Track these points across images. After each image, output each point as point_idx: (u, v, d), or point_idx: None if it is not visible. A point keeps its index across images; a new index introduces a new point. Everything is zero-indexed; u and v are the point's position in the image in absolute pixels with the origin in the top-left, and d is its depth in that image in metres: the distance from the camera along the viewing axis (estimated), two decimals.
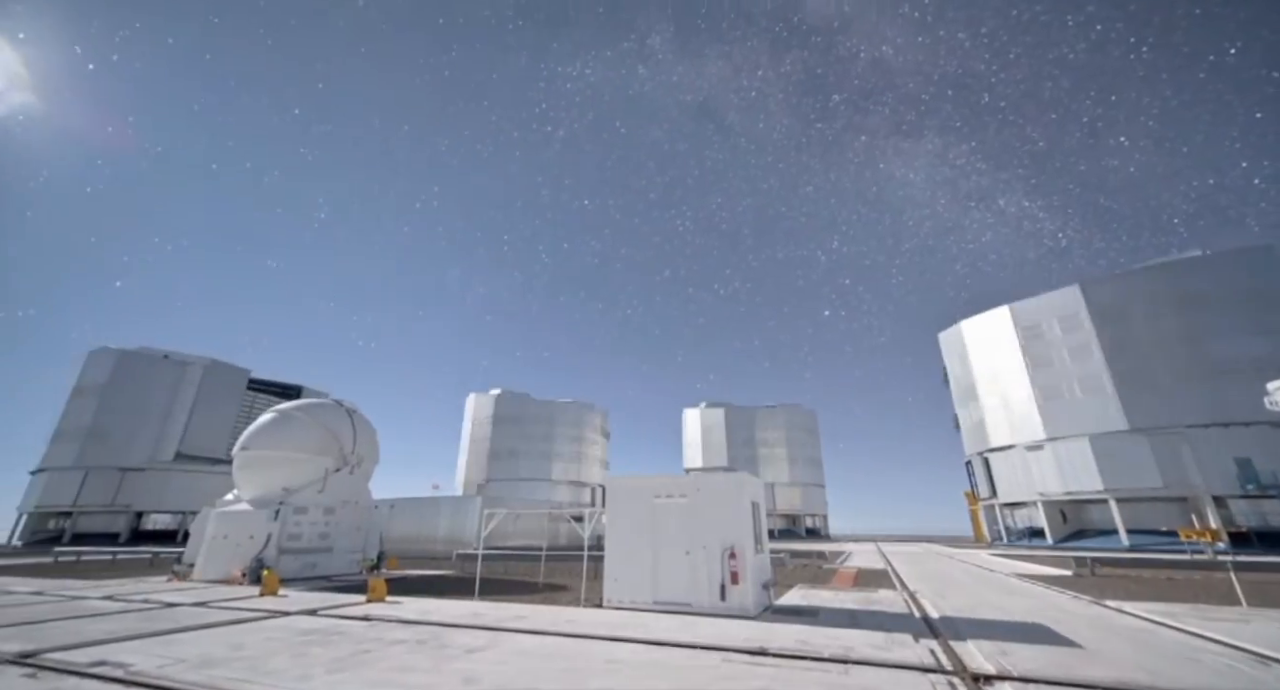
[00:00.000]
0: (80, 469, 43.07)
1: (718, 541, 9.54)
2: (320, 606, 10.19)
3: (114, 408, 44.96)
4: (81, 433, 43.93)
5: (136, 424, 45.11)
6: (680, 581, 9.59)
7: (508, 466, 57.68)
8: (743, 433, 63.99)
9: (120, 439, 44.44)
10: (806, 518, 63.03)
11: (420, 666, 5.89)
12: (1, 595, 12.15)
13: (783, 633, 7.61)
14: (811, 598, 11.39)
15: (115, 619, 9.00)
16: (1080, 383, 33.89)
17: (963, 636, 7.41)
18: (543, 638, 7.33)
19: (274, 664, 6.01)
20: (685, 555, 9.69)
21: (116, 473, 43.76)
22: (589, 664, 5.99)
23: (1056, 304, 36.03)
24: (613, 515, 10.54)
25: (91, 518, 42.81)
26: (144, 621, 8.74)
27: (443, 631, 7.78)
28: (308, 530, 17.11)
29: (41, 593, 12.52)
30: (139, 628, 8.17)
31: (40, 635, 7.59)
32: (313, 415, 19.52)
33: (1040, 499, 34.35)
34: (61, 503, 42.34)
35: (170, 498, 45.31)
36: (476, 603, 10.80)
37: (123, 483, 43.81)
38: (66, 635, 7.57)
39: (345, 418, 20.15)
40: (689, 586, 9.49)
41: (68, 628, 8.18)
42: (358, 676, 5.52)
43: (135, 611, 9.79)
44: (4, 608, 10.21)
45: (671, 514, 10.09)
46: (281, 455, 18.18)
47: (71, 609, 10.05)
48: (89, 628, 8.18)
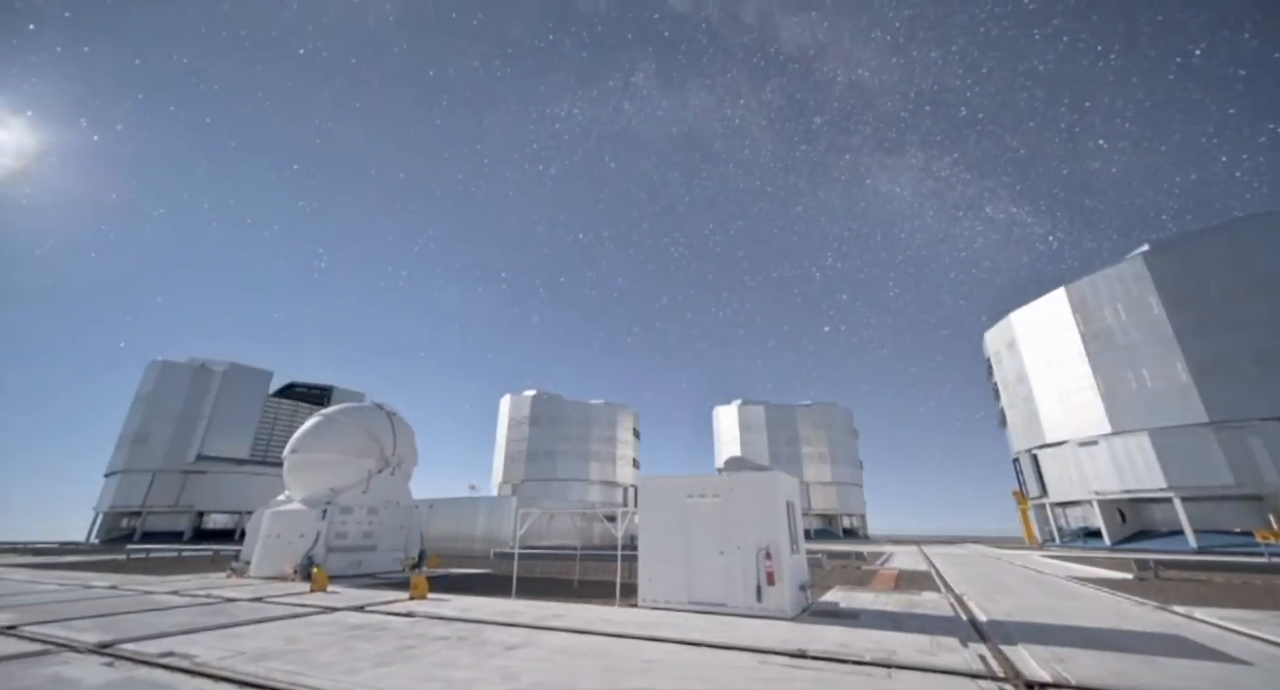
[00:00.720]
0: (148, 472, 46.15)
1: (752, 542, 9.42)
2: (366, 603, 10.59)
3: (173, 414, 47.94)
4: (143, 438, 47.04)
5: (186, 428, 47.96)
6: (715, 582, 9.51)
7: (542, 467, 58.54)
8: (778, 431, 63.04)
9: (175, 443, 47.35)
10: (844, 518, 61.54)
11: (461, 663, 6.05)
12: (82, 589, 13.13)
13: (822, 635, 7.45)
14: (851, 600, 11.11)
15: (181, 613, 9.58)
16: (1149, 370, 30.83)
17: (1014, 641, 7.08)
18: (579, 636, 7.40)
19: (324, 657, 6.28)
20: (719, 555, 9.60)
21: (179, 475, 46.68)
22: (625, 663, 6.02)
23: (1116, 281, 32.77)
24: (645, 515, 10.55)
25: (158, 517, 45.80)
26: (206, 615, 9.28)
27: (482, 629, 7.96)
28: (353, 529, 17.82)
29: (116, 587, 13.46)
30: (202, 621, 8.68)
31: (116, 627, 8.15)
32: (354, 418, 20.32)
33: (1096, 498, 32.48)
34: (132, 503, 45.46)
35: (228, 498, 48.08)
36: (514, 601, 11.00)
37: (185, 484, 46.71)
38: (139, 627, 8.11)
39: (385, 420, 20.88)
40: (724, 587, 9.41)
41: (140, 620, 8.77)
42: (403, 671, 5.70)
43: (198, 606, 10.40)
44: (84, 601, 11.03)
45: (704, 514, 10.02)
46: (327, 458, 19.01)
47: (143, 603, 10.76)
48: (158, 620, 8.74)
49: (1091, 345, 33.76)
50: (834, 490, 60.84)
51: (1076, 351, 34.57)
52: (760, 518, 9.51)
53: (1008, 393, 41.35)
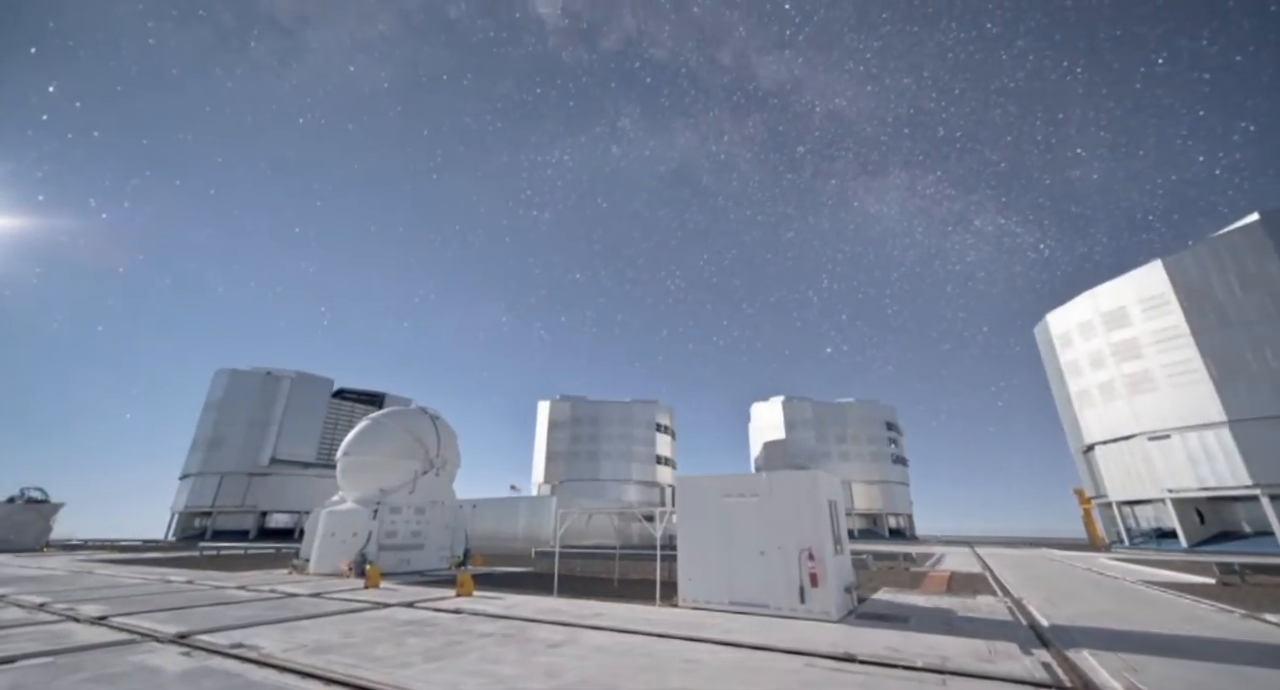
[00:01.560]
0: (216, 474, 49.47)
1: (794, 542, 9.24)
2: (416, 599, 10.98)
3: (236, 420, 51.20)
4: (215, 442, 50.42)
5: (255, 433, 51.09)
6: (756, 582, 9.38)
7: (580, 467, 59.26)
8: (819, 429, 61.58)
9: (245, 447, 50.52)
10: (889, 517, 59.45)
11: (507, 659, 6.18)
12: (162, 584, 14.18)
13: (870, 638, 7.23)
14: (899, 602, 10.73)
15: (248, 607, 10.21)
16: (1262, 351, 27.10)
17: (1080, 648, 6.66)
18: (620, 635, 7.45)
19: (379, 651, 6.55)
20: (760, 556, 9.46)
21: (244, 477, 49.82)
22: (667, 663, 6.01)
23: (1225, 254, 28.84)
24: (683, 515, 10.51)
25: (227, 517, 49.01)
26: (270, 609, 9.85)
27: (526, 626, 8.12)
28: (402, 528, 18.55)
29: (192, 582, 14.47)
30: (267, 615, 9.22)
31: (192, 619, 8.77)
32: (400, 422, 21.14)
33: (1169, 496, 30.14)
34: (203, 504, 48.83)
35: (288, 499, 51.00)
36: (556, 599, 11.17)
37: (249, 486, 49.81)
38: (211, 620, 8.70)
39: (429, 423, 21.62)
40: (766, 588, 9.26)
41: (212, 613, 9.39)
42: (452, 666, 5.88)
43: (263, 600, 11.05)
44: (164, 595, 11.91)
45: (744, 514, 9.89)
46: (376, 460, 19.87)
47: (214, 597, 11.53)
48: (228, 613, 9.34)
49: (1196, 324, 29.76)
50: (878, 489, 58.89)
51: (1162, 330, 30.90)
52: (801, 517, 9.31)
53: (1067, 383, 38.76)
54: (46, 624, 8.45)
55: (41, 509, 37.21)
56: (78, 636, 7.50)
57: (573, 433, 60.97)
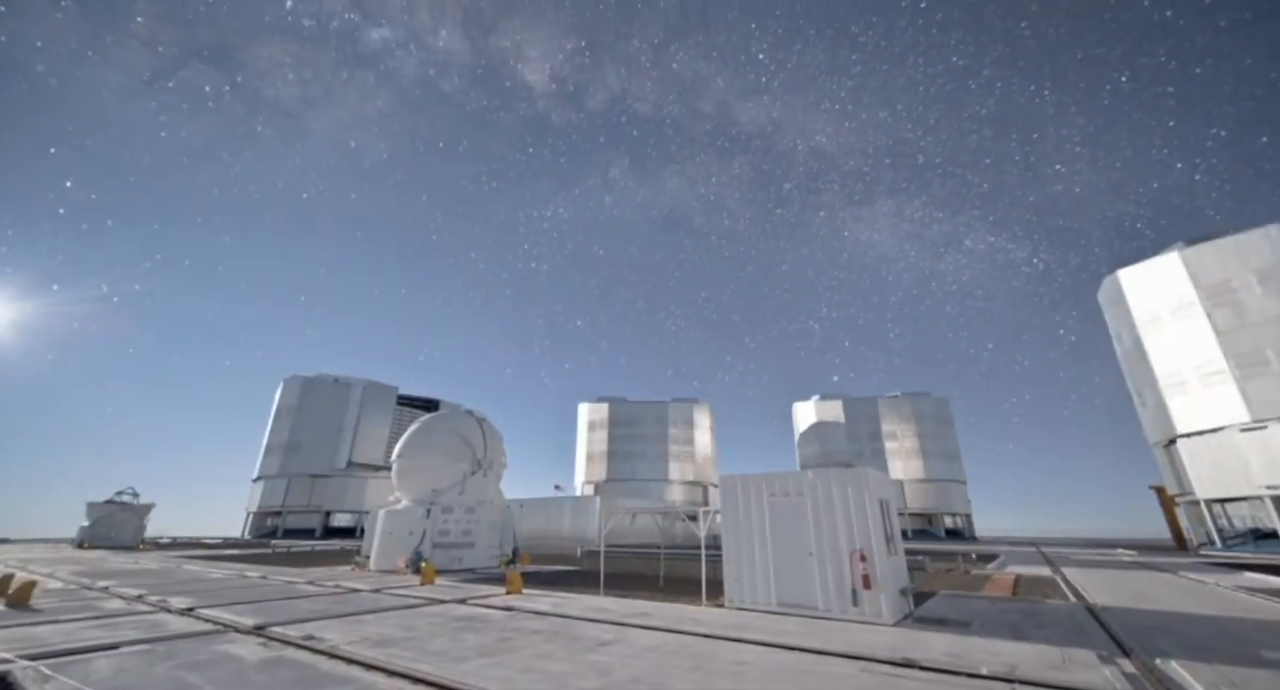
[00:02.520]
0: (284, 477, 52.88)
1: (844, 542, 8.96)
2: (468, 596, 11.36)
3: (307, 425, 54.59)
4: (283, 447, 53.90)
5: (321, 437, 54.30)
6: (805, 584, 9.16)
7: (622, 467, 59.63)
8: (864, 426, 59.46)
9: (310, 451, 53.77)
10: (945, 517, 56.65)
11: (557, 656, 6.30)
12: (240, 579, 15.27)
13: (929, 643, 6.92)
14: (960, 606, 10.21)
15: (316, 601, 10.84)
16: None
17: (1167, 657, 6.13)
18: (667, 635, 7.44)
19: (435, 645, 6.82)
20: (808, 556, 9.23)
21: (309, 479, 53.03)
22: (716, 664, 5.96)
23: None
24: (727, 515, 10.39)
25: (295, 516, 52.34)
26: (336, 604, 10.43)
27: (574, 624, 8.24)
28: (453, 527, 19.24)
29: (265, 577, 15.51)
30: (333, 609, 9.77)
31: (267, 612, 9.40)
32: (449, 425, 21.94)
33: (1269, 493, 27.30)
34: (273, 504, 52.31)
35: (349, 499, 53.96)
36: (602, 598, 11.29)
37: (314, 488, 52.99)
38: (284, 613, 9.29)
39: (476, 426, 22.33)
40: (815, 589, 9.02)
41: (285, 607, 10.04)
42: (505, 662, 6.05)
43: (329, 595, 11.71)
44: (243, 588, 12.82)
45: (790, 513, 9.68)
46: (427, 461, 20.71)
47: (286, 591, 12.32)
48: (299, 607, 9.96)
49: None
50: (932, 487, 56.29)
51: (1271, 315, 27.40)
52: (851, 517, 9.02)
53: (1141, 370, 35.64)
54: (143, 614, 9.27)
55: (136, 509, 40.84)
56: (170, 626, 8.18)
57: (614, 433, 61.43)
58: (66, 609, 9.81)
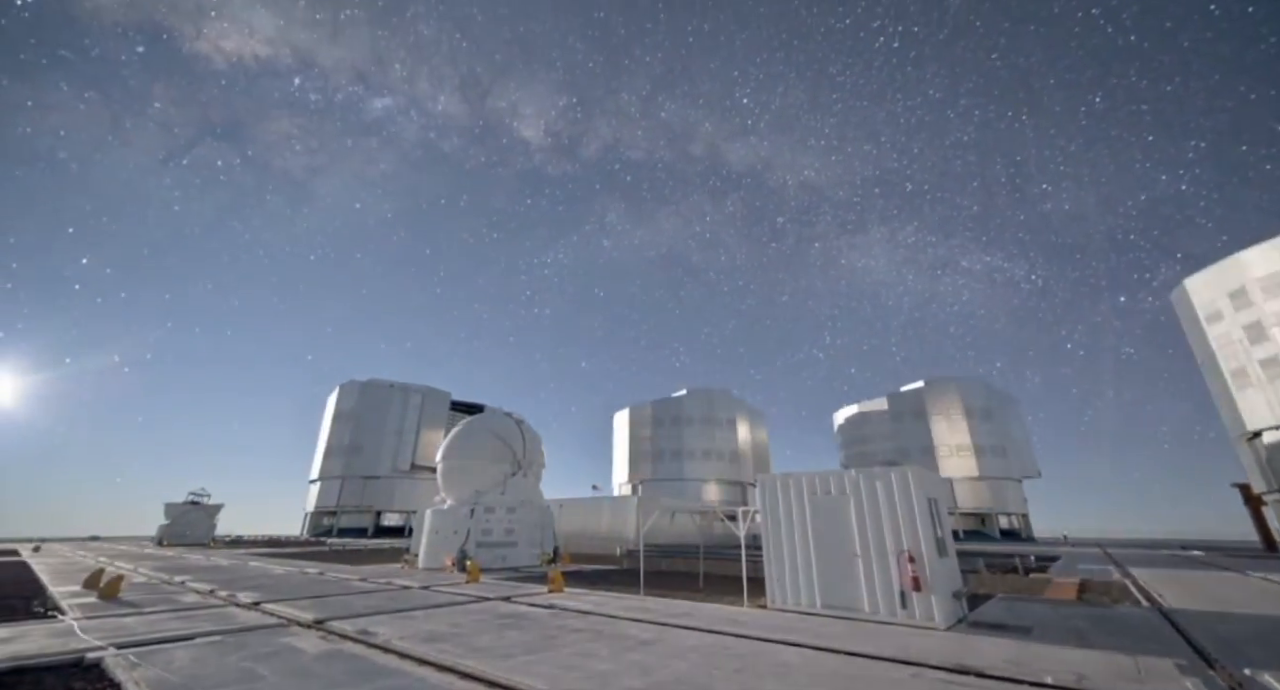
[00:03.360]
0: (338, 478, 55.57)
1: (891, 543, 8.66)
2: (512, 594, 11.61)
3: (359, 428, 57.23)
4: (338, 450, 56.68)
5: (374, 440, 56.85)
6: (851, 586, 8.90)
7: (660, 467, 59.53)
8: (909, 422, 57.32)
9: (363, 453, 56.33)
10: (1000, 517, 53.85)
11: (600, 654, 6.35)
12: (300, 575, 16.12)
13: (986, 649, 6.59)
14: (1019, 611, 9.68)
15: (368, 597, 11.33)
16: None
17: (1258, 669, 5.62)
18: (709, 635, 7.38)
19: (481, 642, 7.00)
20: (854, 557, 8.97)
21: (361, 481, 55.55)
22: (759, 666, 5.86)
23: None
24: (768, 514, 10.22)
25: (349, 516, 54.93)
26: (387, 600, 10.86)
27: (616, 623, 8.29)
28: (496, 526, 19.72)
29: (323, 574, 16.33)
30: (384, 605, 10.18)
31: (325, 607, 9.89)
32: (489, 427, 22.50)
33: None
34: (329, 505, 55.06)
35: (398, 500, 56.20)
36: (642, 597, 11.31)
37: (365, 489, 55.45)
38: (340, 608, 9.75)
39: (515, 428, 22.82)
40: (861, 592, 8.76)
41: (340, 602, 10.53)
42: (549, 659, 6.15)
43: (381, 592, 12.22)
44: (302, 584, 13.54)
45: (834, 513, 9.43)
46: (469, 463, 21.31)
47: (341, 587, 12.93)
48: (353, 603, 10.43)
49: None
50: (984, 486, 53.60)
51: None
52: (898, 517, 8.71)
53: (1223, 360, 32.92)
54: (215, 608, 9.93)
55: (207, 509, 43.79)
56: (239, 619, 8.73)
57: (652, 433, 61.45)
58: (149, 601, 10.62)
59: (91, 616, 8.95)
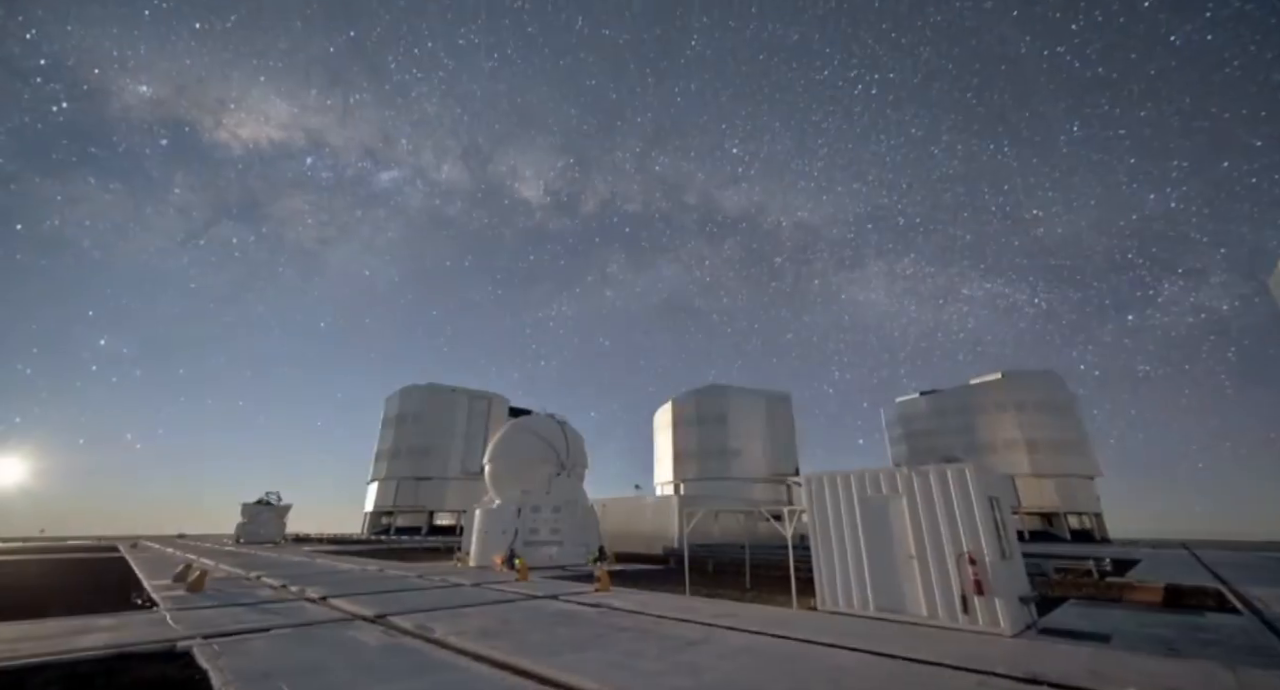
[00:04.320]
0: (394, 479, 58.29)
1: (949, 544, 8.25)
2: (560, 592, 11.81)
3: (419, 431, 59.89)
4: (394, 452, 59.52)
5: (437, 443, 59.41)
6: (906, 589, 8.54)
7: (702, 466, 59.09)
8: (962, 418, 54.43)
9: (421, 455, 58.91)
10: (1069, 517, 50.26)
11: (648, 654, 6.36)
12: (361, 572, 16.98)
13: (1059, 658, 6.18)
14: (1095, 618, 9.02)
15: (424, 594, 11.80)
16: None
17: None
18: (757, 637, 7.26)
19: (532, 639, 7.15)
20: (909, 559, 8.60)
21: (414, 482, 58.04)
22: (811, 668, 5.72)
23: None
24: (814, 514, 9.95)
25: (404, 516, 57.50)
26: (442, 597, 11.28)
27: (662, 623, 8.29)
28: (542, 526, 20.13)
29: (382, 571, 17.14)
30: (439, 601, 10.58)
31: (384, 603, 10.37)
32: (533, 429, 23.01)
33: None
34: (385, 505, 57.83)
35: (449, 500, 58.38)
36: (688, 598, 11.26)
37: (418, 489, 57.89)
38: (398, 604, 10.21)
39: (558, 429, 23.23)
40: (919, 595, 8.39)
41: (398, 598, 11.02)
42: (597, 657, 6.21)
43: (435, 588, 12.70)
44: (364, 580, 14.26)
45: (885, 513, 9.08)
46: (515, 464, 21.86)
47: (399, 584, 13.52)
48: (411, 599, 10.89)
49: None
50: (1051, 484, 50.28)
51: None
52: (956, 517, 8.30)
53: None
54: (287, 602, 10.60)
55: (278, 509, 46.84)
56: (308, 613, 9.28)
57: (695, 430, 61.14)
58: (230, 595, 11.46)
59: (181, 608, 9.74)
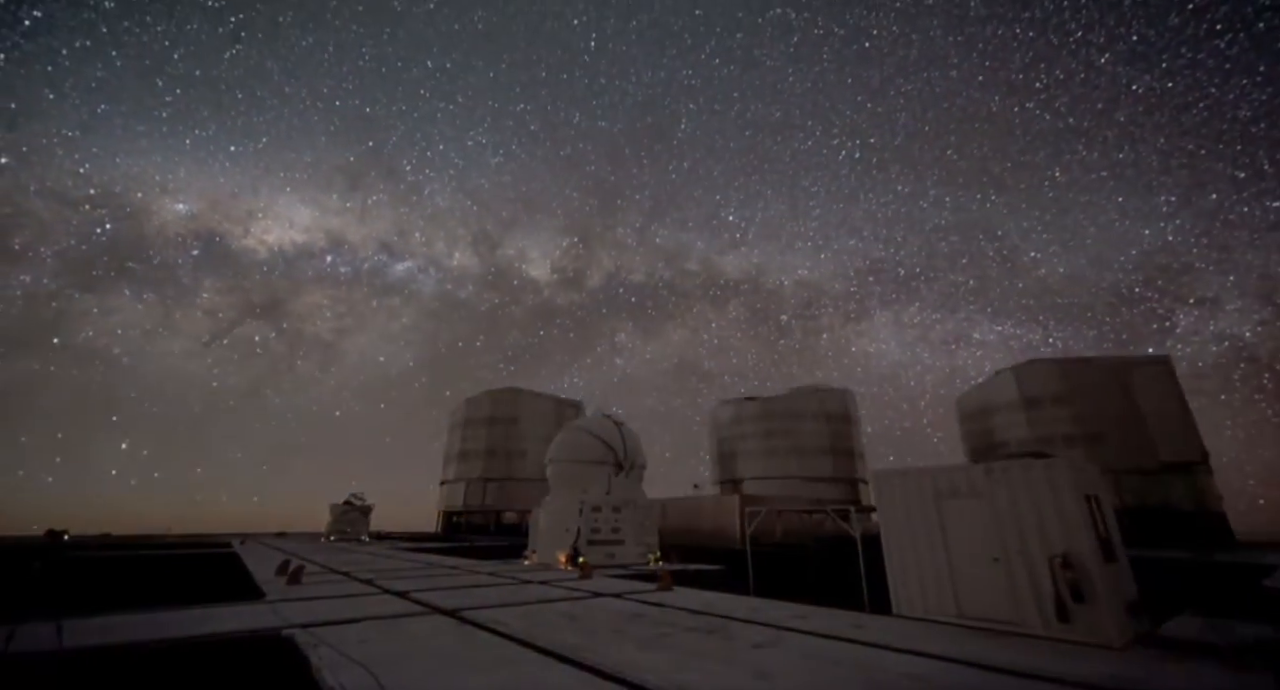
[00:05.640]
0: (463, 481, 61.43)
1: (1039, 546, 7.59)
2: (623, 591, 11.95)
3: (491, 434, 62.82)
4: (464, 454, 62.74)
5: (508, 444, 62.14)
6: (991, 593, 7.94)
7: (763, 464, 57.95)
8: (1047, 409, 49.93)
9: (489, 457, 61.76)
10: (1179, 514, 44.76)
11: (714, 655, 6.30)
12: (437, 568, 17.97)
13: (1179, 674, 5.52)
14: (1222, 630, 7.97)
15: (494, 590, 12.31)
16: None
17: None
18: (828, 641, 7.01)
19: (599, 636, 7.28)
20: (994, 562, 7.99)
21: (482, 483, 60.89)
22: (888, 677, 5.44)
23: None
24: (887, 514, 9.47)
25: (473, 515, 60.41)
26: (511, 593, 11.72)
27: (727, 623, 8.18)
28: (603, 525, 20.46)
29: (456, 568, 18.05)
30: (508, 598, 11.00)
31: (460, 598, 10.91)
32: (591, 429, 23.46)
33: None
34: (455, 505, 61.02)
35: (514, 499, 60.73)
36: (752, 598, 11.05)
37: (486, 489, 60.65)
38: (472, 599, 10.71)
39: (615, 429, 23.55)
40: (1006, 600, 7.77)
41: (471, 594, 11.56)
42: (663, 657, 6.23)
43: (505, 585, 13.21)
44: (440, 576, 15.08)
45: (965, 513, 8.49)
46: (574, 464, 22.37)
47: (472, 580, 14.19)
48: (483, 595, 11.39)
49: None
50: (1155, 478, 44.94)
51: None
52: (1048, 517, 7.63)
53: None
54: (374, 595, 11.40)
55: (362, 509, 50.53)
56: (392, 606, 9.94)
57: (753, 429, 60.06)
58: (324, 588, 12.48)
59: (284, 599, 10.72)
